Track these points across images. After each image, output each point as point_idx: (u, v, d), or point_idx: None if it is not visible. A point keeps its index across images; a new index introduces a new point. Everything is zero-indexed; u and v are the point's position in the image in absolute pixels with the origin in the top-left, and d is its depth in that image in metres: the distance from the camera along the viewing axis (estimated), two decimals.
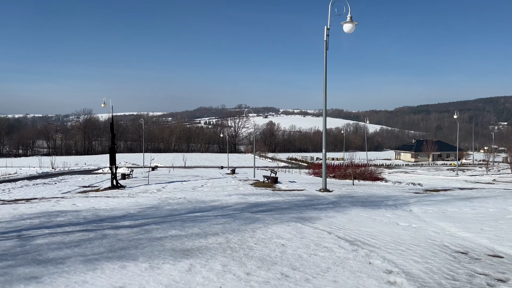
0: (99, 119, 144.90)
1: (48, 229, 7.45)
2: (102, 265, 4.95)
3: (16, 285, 4.24)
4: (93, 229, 7.39)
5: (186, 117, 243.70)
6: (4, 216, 9.22)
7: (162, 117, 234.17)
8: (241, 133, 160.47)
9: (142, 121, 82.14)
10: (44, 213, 9.65)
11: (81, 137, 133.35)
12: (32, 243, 6.26)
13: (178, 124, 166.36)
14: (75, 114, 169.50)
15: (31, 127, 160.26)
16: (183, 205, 11.25)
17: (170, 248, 5.85)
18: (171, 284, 4.25)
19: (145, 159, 59.82)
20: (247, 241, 6.34)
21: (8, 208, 10.79)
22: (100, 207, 10.66)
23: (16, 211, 10.00)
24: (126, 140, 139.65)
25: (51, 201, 12.48)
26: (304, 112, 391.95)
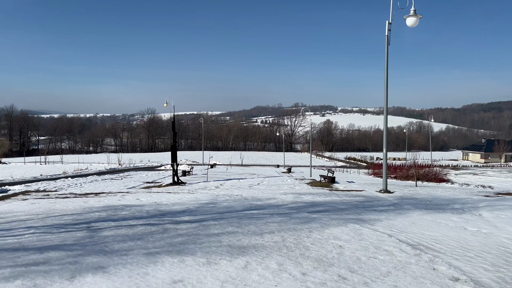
0: (162, 118, 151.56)
1: (114, 222, 7.89)
2: (162, 259, 5.14)
3: (85, 273, 4.53)
4: (155, 223, 7.71)
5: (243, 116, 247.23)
6: (76, 208, 9.93)
7: (221, 116, 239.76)
8: (298, 132, 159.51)
9: (202, 120, 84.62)
10: (111, 206, 10.25)
11: (145, 135, 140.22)
12: (100, 234, 6.67)
13: (235, 123, 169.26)
14: (140, 114, 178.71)
15: (101, 126, 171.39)
16: (240, 202, 11.40)
17: (227, 245, 5.94)
18: (227, 280, 4.30)
19: (204, 157, 61.63)
20: (303, 241, 6.26)
21: (80, 201, 11.61)
22: (162, 202, 11.12)
23: (86, 204, 10.73)
24: (187, 138, 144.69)
25: (117, 196, 13.23)
26: (363, 110, 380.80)
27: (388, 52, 15.05)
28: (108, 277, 4.36)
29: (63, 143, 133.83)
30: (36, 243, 5.99)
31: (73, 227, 7.31)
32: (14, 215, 8.91)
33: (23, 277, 4.37)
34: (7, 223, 7.80)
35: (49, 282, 4.21)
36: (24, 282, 4.21)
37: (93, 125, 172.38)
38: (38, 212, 9.29)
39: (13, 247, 5.74)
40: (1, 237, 6.42)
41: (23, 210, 9.73)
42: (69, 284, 4.14)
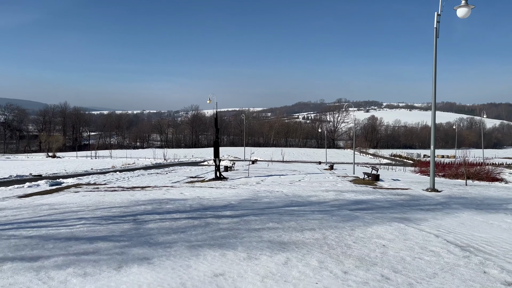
0: (205, 115, 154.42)
1: (158, 215, 8.15)
2: (204, 252, 5.24)
3: (131, 264, 4.71)
4: (197, 217, 7.87)
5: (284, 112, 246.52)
6: (123, 201, 10.35)
7: (262, 113, 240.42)
8: (340, 128, 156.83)
9: (244, 117, 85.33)
10: (156, 200, 10.59)
11: (189, 131, 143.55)
12: (145, 227, 6.91)
13: (277, 119, 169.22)
14: (184, 110, 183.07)
15: (147, 122, 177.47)
16: (280, 199, 11.39)
17: (268, 240, 5.95)
18: (267, 276, 4.32)
19: (245, 153, 62.15)
20: (345, 239, 6.15)
21: (127, 194, 12.09)
22: (204, 197, 11.34)
23: (133, 197, 11.15)
24: (229, 134, 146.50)
25: (162, 190, 13.66)
26: (410, 105, 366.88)
27: (436, 45, 14.41)
28: (153, 269, 4.51)
29: (112, 138, 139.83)
30: (86, 233, 6.31)
31: (121, 219, 7.62)
32: (67, 206, 9.43)
33: (74, 265, 4.62)
34: (60, 214, 8.28)
35: (98, 271, 4.42)
36: (75, 270, 4.44)
37: (140, 121, 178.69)
38: (88, 204, 9.78)
39: (66, 236, 6.08)
40: (55, 227, 6.82)
41: (75, 202, 10.28)
42: (116, 274, 4.33)
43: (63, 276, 4.24)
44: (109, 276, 4.26)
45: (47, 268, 4.49)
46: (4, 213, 8.45)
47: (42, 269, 4.45)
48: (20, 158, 65.78)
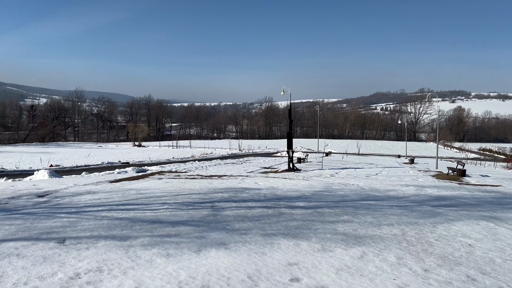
0: (278, 106, 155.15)
1: (234, 202, 8.42)
2: (278, 241, 5.32)
3: (209, 248, 4.94)
4: (271, 207, 7.99)
5: (361, 103, 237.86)
6: (202, 188, 10.86)
7: (337, 104, 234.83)
8: (422, 120, 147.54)
9: (318, 108, 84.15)
10: (232, 188, 10.94)
11: (263, 122, 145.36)
12: (222, 213, 7.18)
13: (352, 110, 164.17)
14: (258, 102, 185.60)
15: (223, 114, 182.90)
16: (356, 192, 11.10)
17: (342, 233, 5.86)
18: (342, 268, 4.26)
19: (319, 145, 61.40)
20: (426, 236, 5.83)
21: (205, 182, 12.65)
22: (278, 187, 11.45)
23: (211, 185, 11.64)
24: (302, 126, 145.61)
25: (237, 179, 14.06)
26: (503, 95, 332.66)
27: None
28: (229, 254, 4.69)
29: (191, 129, 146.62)
30: (169, 217, 6.73)
31: (199, 206, 8.01)
32: (152, 192, 10.14)
33: (159, 246, 4.96)
34: (146, 199, 8.93)
35: (179, 253, 4.71)
36: (159, 250, 4.78)
37: (217, 113, 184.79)
38: (170, 190, 10.42)
39: (151, 219, 6.55)
40: (141, 211, 7.38)
41: (159, 188, 11.01)
42: (196, 256, 4.57)
43: (149, 255, 4.59)
44: (190, 258, 4.51)
45: (135, 247, 4.89)
46: (98, 196, 9.33)
47: (131, 248, 4.86)
48: (110, 147, 71.86)
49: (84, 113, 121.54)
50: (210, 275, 3.96)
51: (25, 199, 8.77)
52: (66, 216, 6.72)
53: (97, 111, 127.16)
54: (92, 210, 7.32)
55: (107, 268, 4.15)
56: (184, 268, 4.16)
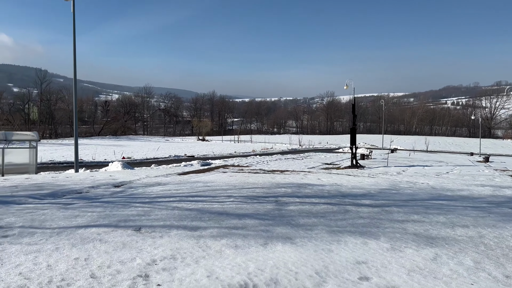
0: (340, 101, 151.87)
1: (298, 198, 8.43)
2: (345, 238, 5.25)
3: (275, 241, 5.01)
4: (336, 204, 7.89)
5: (430, 97, 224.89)
6: (265, 183, 10.99)
7: (403, 98, 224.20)
8: (499, 115, 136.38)
9: (383, 102, 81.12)
10: (295, 184, 10.95)
11: (324, 118, 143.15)
12: (286, 208, 7.23)
13: (420, 104, 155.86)
14: (319, 97, 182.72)
15: (283, 109, 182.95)
16: (425, 191, 10.59)
17: (413, 233, 5.64)
18: (414, 270, 4.11)
19: (384, 141, 59.23)
20: (507, 240, 5.43)
21: (268, 177, 12.79)
22: (342, 184, 11.26)
23: (273, 180, 11.74)
24: (366, 121, 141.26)
25: (300, 174, 14.03)
26: None
27: None
28: (296, 249, 4.72)
29: (252, 124, 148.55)
30: (235, 210, 6.92)
31: (264, 200, 8.13)
32: (217, 185, 10.46)
33: (227, 237, 5.13)
34: (212, 191, 9.24)
35: (247, 245, 4.83)
36: (228, 242, 4.94)
37: (277, 108, 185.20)
38: (235, 184, 10.68)
39: (218, 211, 6.78)
40: (209, 202, 7.65)
41: (224, 181, 11.32)
42: (263, 250, 4.66)
43: (218, 246, 4.76)
44: (257, 251, 4.61)
45: (205, 238, 5.09)
46: (168, 187, 9.83)
47: (201, 238, 5.07)
48: (176, 140, 75.05)
49: (152, 109, 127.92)
50: (278, 269, 4.02)
51: (103, 189, 9.48)
52: (141, 206, 7.17)
53: (164, 106, 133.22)
54: (164, 201, 7.73)
55: (180, 256, 4.37)
56: (252, 260, 4.26)
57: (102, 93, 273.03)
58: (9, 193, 8.45)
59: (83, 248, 4.55)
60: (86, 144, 50.47)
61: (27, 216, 6.21)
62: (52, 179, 11.51)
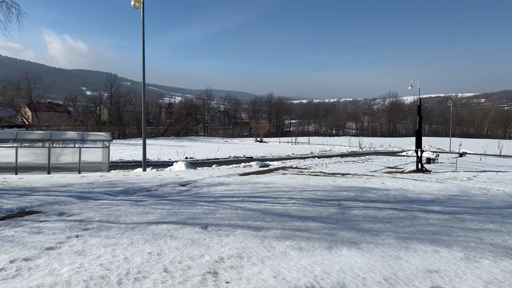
0: (404, 102, 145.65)
1: (362, 202, 8.23)
2: (414, 245, 5.05)
3: (340, 246, 4.94)
4: (403, 209, 7.59)
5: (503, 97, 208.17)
6: (326, 186, 10.86)
7: (473, 99, 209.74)
8: None
9: (450, 103, 76.50)
10: (357, 188, 10.70)
11: (386, 119, 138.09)
12: (350, 212, 7.09)
13: (493, 105, 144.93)
14: (381, 98, 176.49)
15: (343, 110, 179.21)
16: (501, 198, 9.85)
17: (489, 243, 5.28)
18: (492, 282, 3.85)
19: (451, 144, 55.86)
20: None
21: (329, 180, 12.62)
22: (408, 189, 10.81)
23: (335, 183, 11.57)
24: (431, 123, 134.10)
25: (362, 178, 13.67)
26: None
27: None
28: (362, 254, 4.63)
29: (310, 126, 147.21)
30: (297, 212, 6.92)
31: (326, 203, 8.04)
32: (278, 186, 10.52)
33: (291, 239, 5.15)
34: (273, 192, 9.31)
35: (311, 247, 4.81)
36: (292, 243, 4.96)
37: (336, 110, 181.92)
38: (295, 186, 10.67)
39: (280, 213, 6.82)
40: (270, 203, 7.72)
41: (284, 183, 11.36)
42: (328, 253, 4.62)
43: (282, 247, 4.79)
44: (322, 254, 4.58)
45: (269, 238, 5.16)
46: (230, 187, 10.06)
47: (265, 239, 5.14)
48: (235, 142, 76.46)
49: (212, 111, 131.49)
50: (345, 273, 3.97)
51: (170, 187, 9.93)
52: (206, 204, 7.42)
53: (224, 108, 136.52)
54: (227, 200, 7.93)
55: (246, 255, 4.46)
56: (317, 263, 4.24)
57: (166, 95, 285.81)
58: (86, 189, 9.14)
59: (155, 243, 4.81)
60: (152, 144, 53.06)
61: (103, 211, 6.68)
62: (123, 177, 12.27)
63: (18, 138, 17.68)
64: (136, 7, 16.28)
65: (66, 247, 4.58)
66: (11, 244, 4.67)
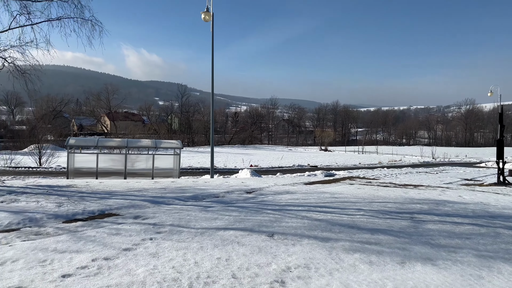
0: (482, 109, 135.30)
1: (437, 216, 7.73)
2: (497, 265, 4.63)
3: (414, 261, 4.67)
4: (483, 225, 7.01)
5: None
6: (397, 197, 10.37)
7: None
8: None
9: None
10: (432, 200, 10.08)
11: (462, 128, 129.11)
12: (424, 226, 6.69)
13: None
14: (456, 105, 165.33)
15: (414, 118, 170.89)
16: None
17: None
18: None
19: None
20: None
21: (400, 191, 12.04)
22: (489, 203, 9.96)
23: (406, 195, 11.00)
24: None
25: (436, 190, 12.87)
26: None
27: None
28: (438, 271, 4.33)
29: (378, 134, 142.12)
30: (366, 224, 6.68)
31: (397, 215, 7.67)
32: (345, 196, 10.25)
33: (360, 252, 4.97)
34: (340, 203, 9.08)
35: (382, 262, 4.61)
36: (361, 256, 4.79)
37: (407, 118, 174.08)
38: (364, 196, 10.32)
39: (348, 224, 6.63)
40: (338, 214, 7.54)
41: (352, 193, 11.04)
42: (401, 268, 4.39)
43: (351, 260, 4.65)
44: (394, 269, 4.37)
45: (336, 250, 5.03)
46: (296, 196, 10.00)
47: (333, 250, 5.02)
48: (299, 150, 76.05)
49: (276, 119, 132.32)
50: None
51: (237, 194, 10.12)
52: (272, 212, 7.44)
53: (288, 117, 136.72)
54: (293, 209, 7.89)
55: (314, 266, 4.39)
56: (389, 279, 4.05)
57: (232, 105, 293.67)
58: (159, 194, 9.62)
59: (224, 249, 4.92)
60: (218, 152, 54.61)
61: (175, 215, 6.98)
62: (193, 183, 12.74)
63: (98, 145, 19.18)
64: (206, 20, 16.97)
65: (141, 249, 4.85)
66: (93, 243, 5.04)
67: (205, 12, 16.83)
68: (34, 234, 5.56)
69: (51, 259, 4.37)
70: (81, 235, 5.49)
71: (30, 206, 7.52)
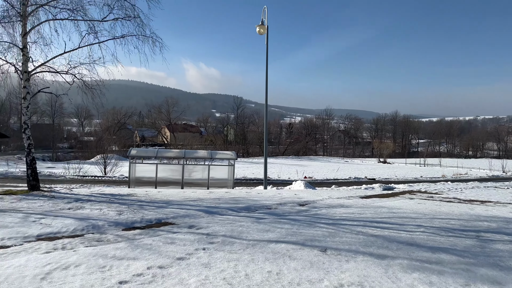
0: None
1: (507, 235, 7.11)
2: None
3: (479, 284, 4.31)
4: None
5: None
6: (461, 214, 9.70)
7: None
8: None
9: None
10: (501, 218, 9.30)
11: None
12: (491, 246, 6.17)
13: None
14: None
15: (481, 129, 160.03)
16: None
17: None
18: None
19: None
20: None
21: (465, 207, 11.26)
22: None
23: (472, 211, 10.25)
24: None
25: (507, 207, 11.87)
26: None
27: None
28: None
29: (441, 146, 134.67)
30: (427, 242, 6.29)
31: (461, 233, 7.15)
32: (404, 212, 9.77)
33: (419, 271, 4.68)
34: (399, 218, 8.66)
35: (443, 283, 4.30)
36: (420, 276, 4.50)
37: (473, 128, 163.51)
38: (425, 212, 9.76)
39: (407, 241, 6.28)
40: (395, 230, 7.19)
41: (411, 208, 10.50)
42: None
43: (409, 279, 4.38)
44: None
45: (393, 268, 4.77)
46: (351, 210, 9.70)
47: (390, 268, 4.77)
48: (356, 162, 73.97)
49: (332, 130, 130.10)
50: None
51: (289, 206, 10.02)
52: (325, 227, 7.26)
53: (344, 127, 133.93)
54: (347, 224, 7.65)
55: (368, 284, 4.20)
56: None
57: (286, 116, 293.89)
58: (213, 204, 9.79)
59: (275, 263, 4.86)
60: (272, 163, 54.72)
61: (228, 226, 7.05)
62: (246, 194, 12.84)
63: (158, 156, 20.03)
64: (261, 33, 17.22)
65: (194, 259, 4.93)
66: (149, 252, 5.22)
67: (260, 26, 17.09)
68: (96, 240, 5.87)
69: (110, 265, 4.58)
70: (138, 243, 5.71)
71: (94, 214, 7.98)
